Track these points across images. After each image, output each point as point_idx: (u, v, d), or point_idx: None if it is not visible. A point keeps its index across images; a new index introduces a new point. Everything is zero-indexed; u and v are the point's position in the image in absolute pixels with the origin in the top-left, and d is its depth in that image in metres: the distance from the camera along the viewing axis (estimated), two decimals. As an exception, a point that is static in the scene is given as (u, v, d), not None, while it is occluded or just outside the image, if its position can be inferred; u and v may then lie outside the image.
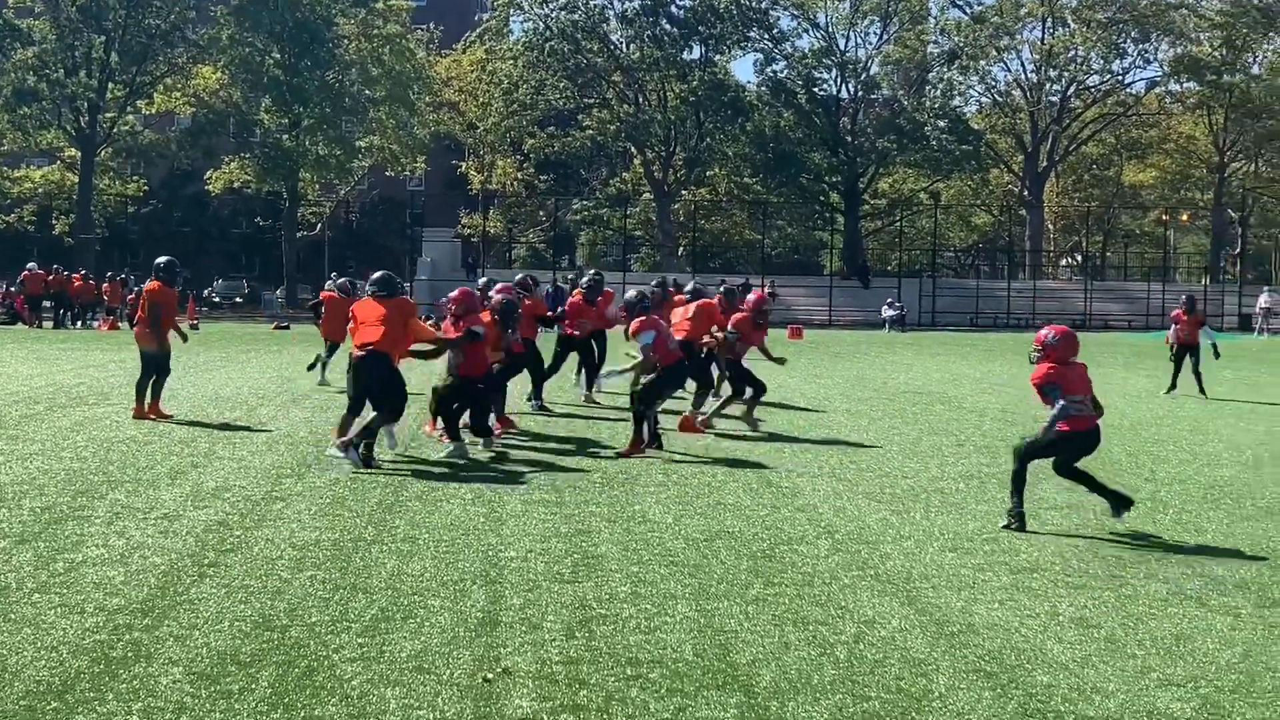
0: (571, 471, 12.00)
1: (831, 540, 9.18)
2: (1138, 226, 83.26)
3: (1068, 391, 9.60)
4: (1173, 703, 5.83)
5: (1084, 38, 67.54)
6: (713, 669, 6.16)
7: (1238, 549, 9.18)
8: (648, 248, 75.32)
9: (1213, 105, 70.77)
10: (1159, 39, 69.51)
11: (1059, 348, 9.79)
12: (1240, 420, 17.84)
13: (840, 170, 67.01)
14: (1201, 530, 9.84)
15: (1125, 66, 71.53)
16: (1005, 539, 9.33)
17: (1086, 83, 71.37)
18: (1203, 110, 72.65)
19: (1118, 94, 72.24)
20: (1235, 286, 63.99)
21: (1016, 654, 6.51)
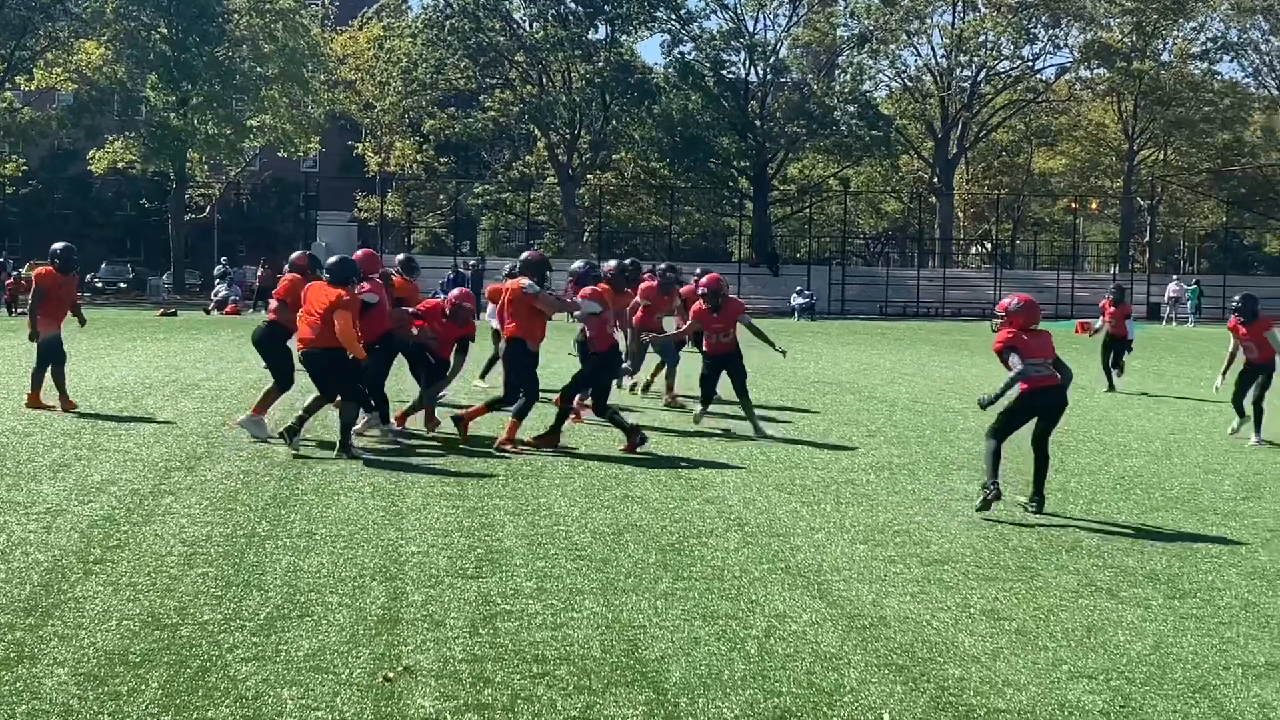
0: (475, 464, 11.95)
1: (742, 533, 9.24)
2: (1047, 215, 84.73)
3: (1026, 356, 10.01)
4: (1084, 695, 5.96)
5: (994, 22, 68.46)
6: (621, 665, 6.17)
7: (1148, 540, 9.40)
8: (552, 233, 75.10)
9: (1123, 92, 72.17)
10: (1069, 24, 70.67)
11: (1021, 314, 10.27)
12: (1149, 410, 18.25)
13: (749, 155, 67.30)
14: (1112, 521, 10.06)
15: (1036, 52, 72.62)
16: (915, 531, 9.47)
17: (997, 68, 72.38)
18: (1113, 97, 74.07)
19: (1028, 80, 73.35)
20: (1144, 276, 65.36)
21: (928, 647, 6.61)
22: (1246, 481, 12.12)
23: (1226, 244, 77.71)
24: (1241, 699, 5.95)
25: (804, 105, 67.21)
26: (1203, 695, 5.99)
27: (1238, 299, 15.47)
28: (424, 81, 66.20)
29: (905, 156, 76.05)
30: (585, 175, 69.16)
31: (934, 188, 73.64)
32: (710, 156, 66.60)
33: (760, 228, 68.02)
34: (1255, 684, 6.15)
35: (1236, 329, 15.27)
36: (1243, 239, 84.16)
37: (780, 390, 19.70)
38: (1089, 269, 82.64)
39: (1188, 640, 6.85)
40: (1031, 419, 10.36)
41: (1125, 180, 74.47)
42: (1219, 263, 76.86)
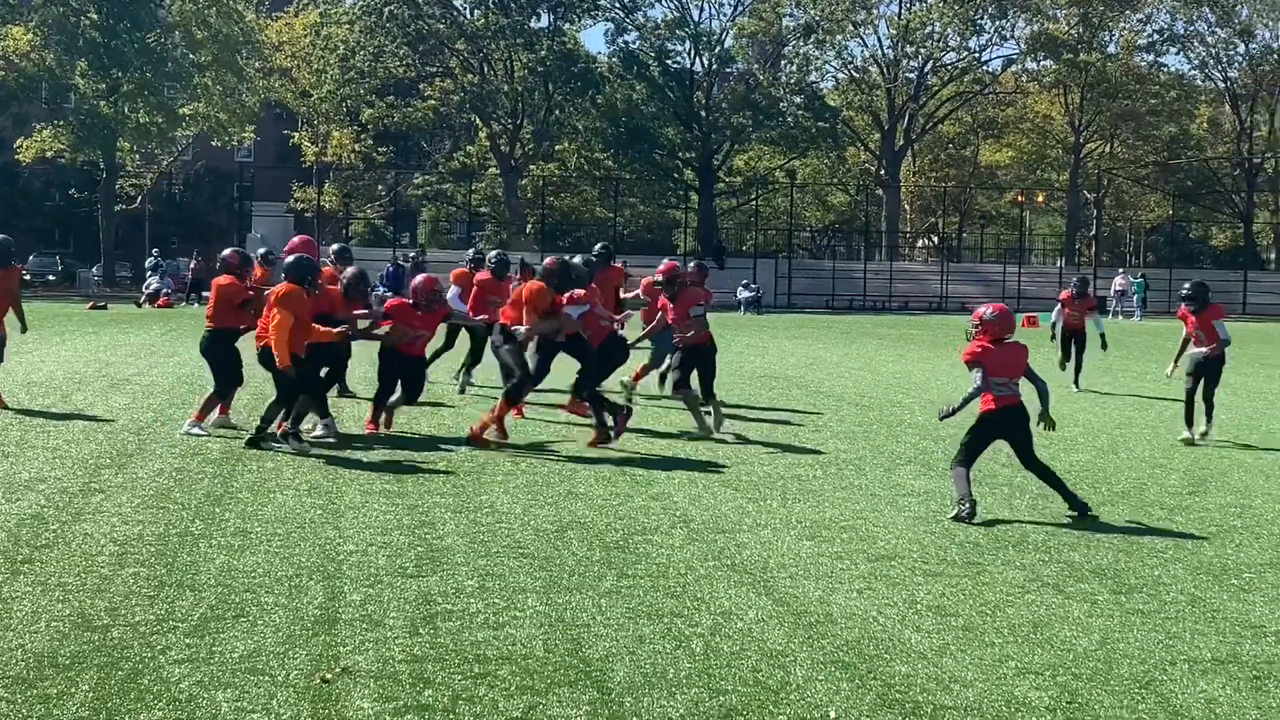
0: (415, 460, 11.90)
1: (687, 529, 9.26)
2: (994, 208, 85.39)
3: (991, 372, 9.99)
4: (1031, 691, 6.02)
5: (941, 13, 68.94)
6: (564, 665, 6.17)
7: (1094, 534, 9.50)
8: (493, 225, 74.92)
9: (1069, 84, 72.89)
10: (1016, 15, 71.28)
11: (996, 324, 10.23)
12: (1095, 405, 18.44)
13: (694, 146, 67.40)
14: (1058, 516, 10.16)
15: (982, 44, 73.29)
16: (862, 527, 9.52)
17: (943, 60, 72.93)
18: (1059, 89, 74.80)
19: (974, 72, 73.95)
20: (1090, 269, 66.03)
21: (875, 643, 6.65)
22: (1193, 476, 12.28)
23: (1173, 237, 78.65)
24: (1188, 694, 6.03)
25: (750, 96, 67.41)
26: (1149, 691, 6.06)
27: (1188, 286, 15.10)
28: (362, 69, 65.73)
29: (852, 149, 76.41)
30: (528, 166, 69.02)
31: (881, 180, 74.07)
32: (655, 147, 66.62)
33: (706, 220, 68.13)
34: (1201, 679, 6.24)
35: (1186, 317, 14.92)
36: (1189, 232, 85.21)
37: (726, 385, 19.74)
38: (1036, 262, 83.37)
39: (1134, 636, 6.94)
40: (994, 440, 10.33)
41: (1072, 173, 75.23)
42: (1165, 256, 77.80)
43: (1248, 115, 75.32)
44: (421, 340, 13.63)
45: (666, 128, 67.01)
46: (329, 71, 65.97)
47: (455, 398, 16.73)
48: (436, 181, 73.65)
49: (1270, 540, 9.47)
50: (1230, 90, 75.94)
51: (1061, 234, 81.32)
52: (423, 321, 13.55)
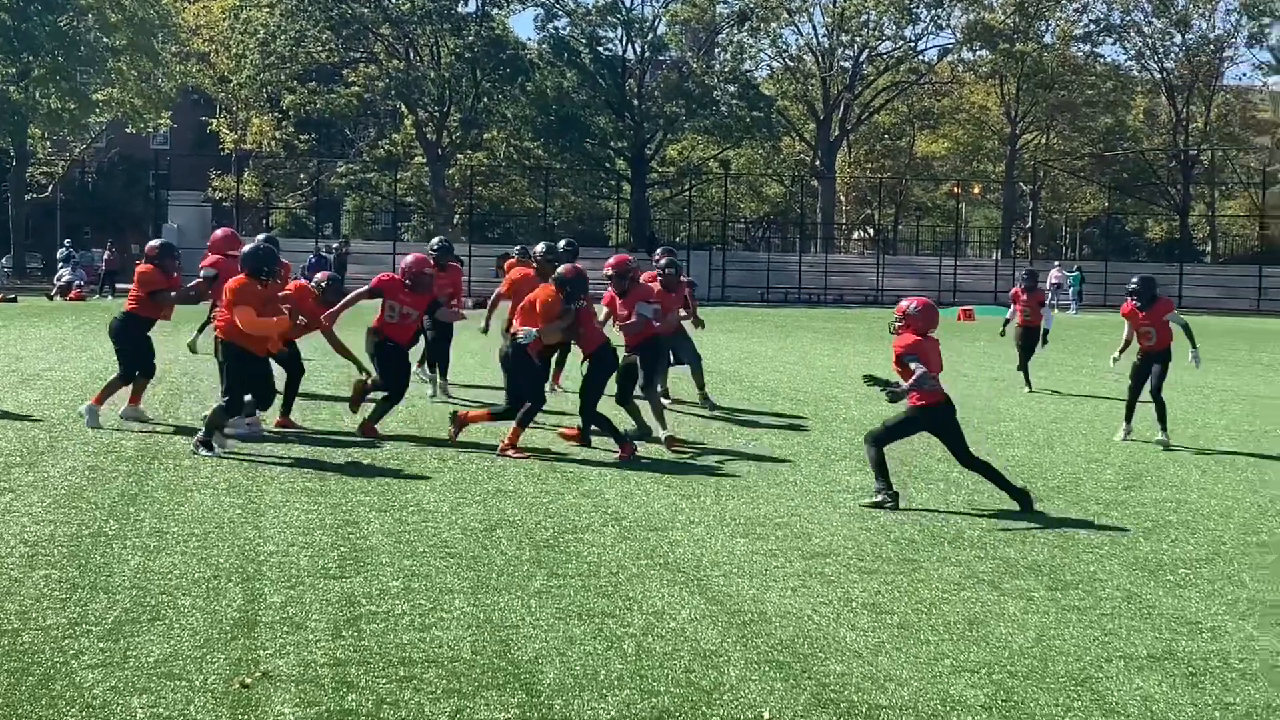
0: (338, 458, 11.82)
1: (619, 527, 9.27)
2: (930, 199, 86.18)
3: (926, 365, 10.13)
4: (966, 690, 6.08)
5: (877, 1, 69.40)
6: (492, 667, 6.15)
7: (1030, 530, 9.61)
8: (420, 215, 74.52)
9: (1005, 74, 73.62)
10: (952, 4, 71.89)
11: (919, 319, 10.32)
12: (1031, 399, 18.65)
13: (626, 135, 67.42)
14: (994, 511, 10.26)
15: (918, 32, 73.79)
16: (797, 523, 9.57)
17: (879, 49, 73.40)
18: (995, 79, 75.54)
19: (910, 61, 74.50)
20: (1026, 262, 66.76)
21: (809, 642, 6.69)
22: (1128, 471, 12.45)
23: (1108, 230, 79.72)
24: (1124, 691, 6.11)
25: (683, 84, 67.55)
26: (1085, 688, 6.14)
27: (1134, 281, 14.58)
28: (283, 54, 65.09)
29: (787, 139, 76.76)
30: (455, 155, 68.69)
31: (816, 171, 74.43)
32: (586, 136, 66.56)
33: (638, 211, 68.18)
34: (1137, 676, 6.33)
35: (1133, 314, 14.39)
36: (1125, 225, 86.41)
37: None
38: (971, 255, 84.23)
39: (1070, 632, 7.02)
40: (917, 433, 10.55)
41: (1008, 164, 76.00)
42: (1101, 249, 78.88)
43: (1184, 106, 76.45)
44: (410, 321, 13.33)
45: (598, 116, 66.98)
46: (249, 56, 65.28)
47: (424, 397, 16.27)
48: (360, 170, 73.11)
49: (1206, 535, 9.62)
50: (1166, 81, 77.04)
51: (997, 226, 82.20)
52: (412, 300, 13.19)
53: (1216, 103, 78.45)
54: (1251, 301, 60.50)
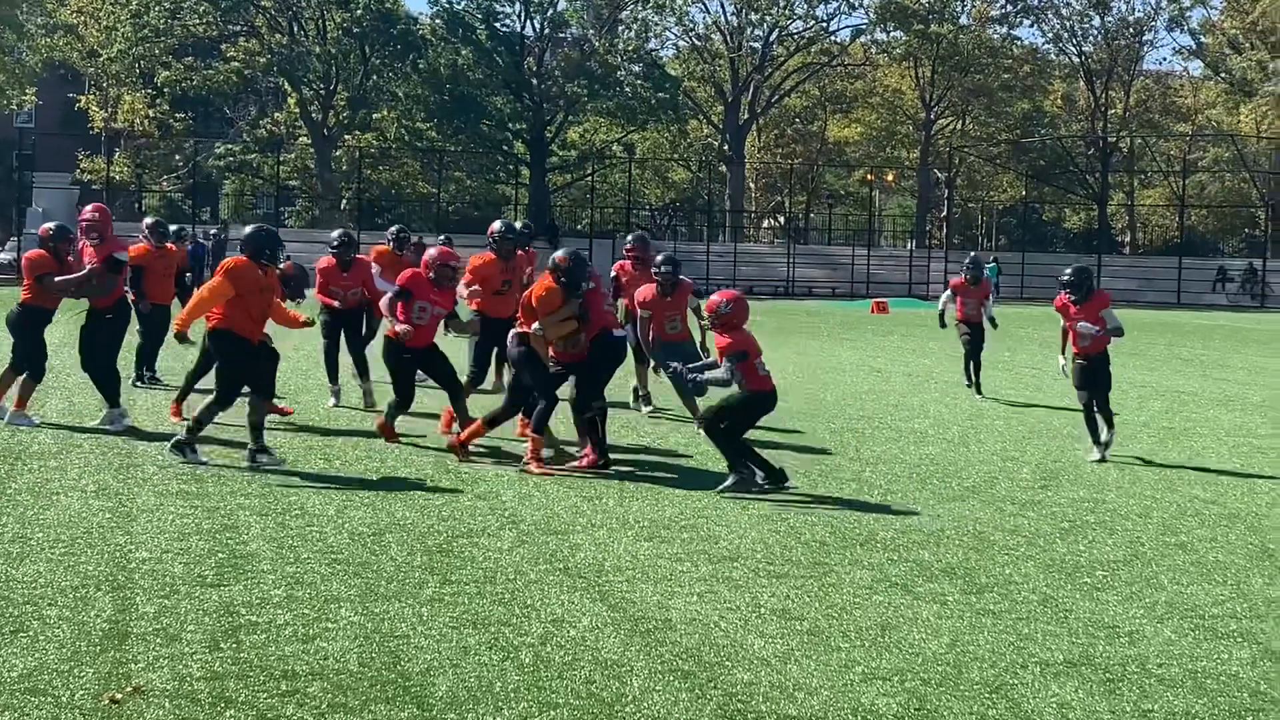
0: (215, 458, 11.67)
1: (517, 531, 9.25)
2: (842, 187, 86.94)
3: (755, 356, 10.82)
4: (878, 698, 6.14)
5: (788, -22, 69.89)
6: (381, 680, 6.12)
7: (945, 531, 9.73)
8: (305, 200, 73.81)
9: (920, 57, 74.47)
10: (866, -17, 72.64)
11: (734, 314, 10.89)
12: (946, 395, 18.88)
13: (525, 117, 67.24)
14: (908, 513, 10.38)
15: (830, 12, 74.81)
16: (704, 526, 9.61)
17: (790, 28, 73.90)
18: (909, 62, 76.38)
19: (822, 42, 75.11)
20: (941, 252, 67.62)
21: (716, 650, 6.72)
22: (1044, 470, 12.65)
23: (1025, 219, 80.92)
24: (1040, 699, 6.21)
25: (585, 63, 67.47)
26: (1000, 695, 6.23)
27: (1069, 272, 13.58)
28: (157, 27, 64.12)
29: (694, 122, 77.08)
30: (342, 136, 68.10)
31: (724, 156, 74.79)
32: (482, 117, 66.28)
33: (538, 196, 68.01)
34: (1054, 683, 6.43)
35: (1066, 308, 13.50)
36: (1042, 214, 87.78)
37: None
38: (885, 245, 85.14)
39: (984, 638, 7.12)
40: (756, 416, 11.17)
41: (922, 151, 76.91)
42: (1018, 239, 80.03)
43: (1102, 92, 77.88)
44: (434, 320, 12.61)
45: (495, 96, 66.71)
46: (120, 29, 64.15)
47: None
48: (241, 151, 72.21)
49: (1124, 536, 9.81)
50: (1085, 65, 78.44)
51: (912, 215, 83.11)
52: (440, 298, 12.55)
53: (1136, 88, 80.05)
54: (1171, 294, 61.73)
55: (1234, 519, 10.56)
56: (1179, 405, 18.52)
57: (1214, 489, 11.94)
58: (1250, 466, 13.31)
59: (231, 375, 11.51)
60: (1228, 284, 64.25)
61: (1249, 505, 11.18)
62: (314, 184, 69.58)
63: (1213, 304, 61.49)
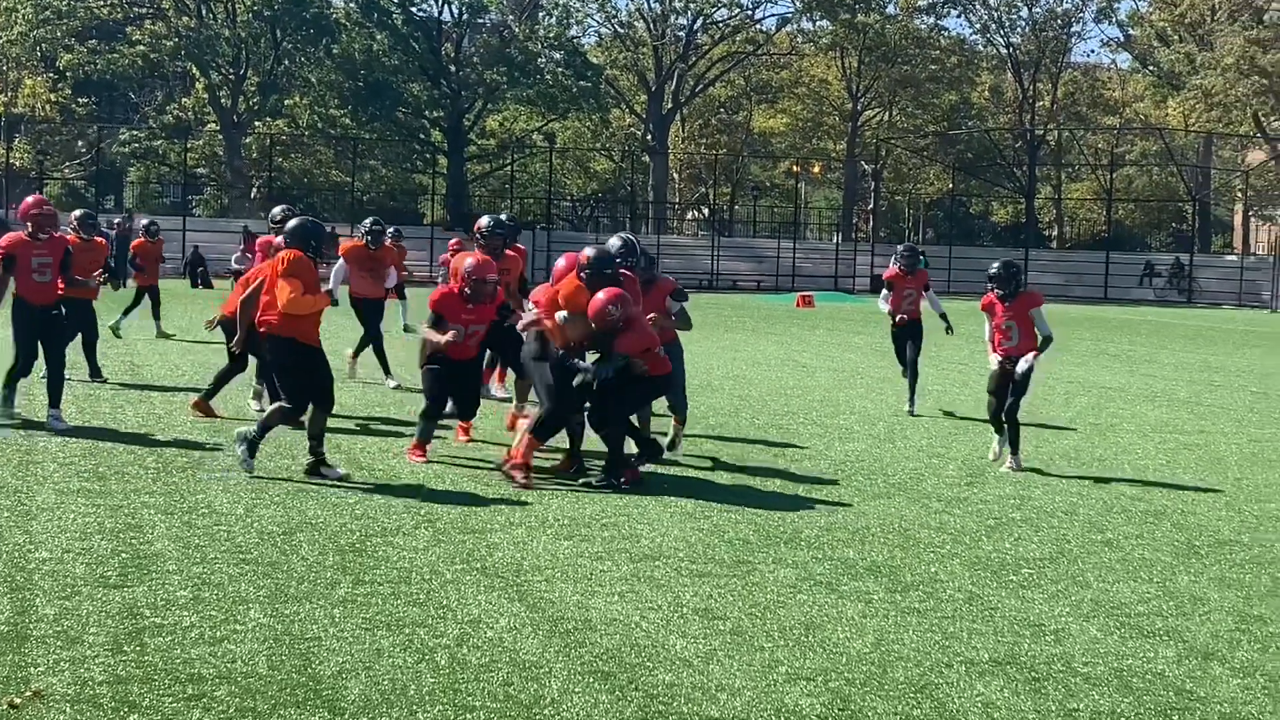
0: (118, 455, 11.54)
1: (432, 530, 9.22)
2: (768, 178, 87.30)
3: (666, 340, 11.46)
4: (802, 698, 6.17)
5: (712, -36, 70.07)
6: (291, 683, 6.07)
7: (870, 529, 9.80)
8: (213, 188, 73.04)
9: (846, 47, 74.91)
10: (792, -29, 72.98)
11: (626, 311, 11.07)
12: (872, 391, 19.02)
13: (442, 104, 66.95)
14: (832, 510, 10.45)
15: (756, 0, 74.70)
16: (625, 524, 9.62)
17: (714, 16, 74.07)
18: (836, 52, 76.80)
19: (747, 31, 75.33)
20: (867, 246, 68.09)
21: (637, 651, 6.73)
22: (970, 466, 12.78)
23: (953, 213, 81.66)
24: (965, 698, 6.27)
25: (504, 50, 67.26)
26: (924, 695, 6.28)
27: (996, 266, 12.97)
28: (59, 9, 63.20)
29: (616, 111, 77.05)
30: (252, 123, 67.47)
31: (647, 146, 74.87)
32: (398, 104, 65.92)
33: (455, 186, 67.77)
34: (979, 682, 6.50)
35: (992, 305, 12.87)
36: (969, 207, 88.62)
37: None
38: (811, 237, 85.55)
39: (909, 636, 7.18)
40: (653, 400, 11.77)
41: (849, 143, 77.38)
42: (945, 232, 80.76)
43: (1030, 84, 78.73)
44: (475, 339, 12.00)
45: (411, 83, 66.37)
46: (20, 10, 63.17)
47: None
48: (146, 138, 71.35)
49: (1050, 533, 9.92)
50: (1012, 57, 79.25)
51: (838, 207, 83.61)
52: (476, 314, 11.80)
53: (1064, 80, 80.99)
54: (1098, 289, 62.54)
55: (1160, 516, 10.72)
56: (1105, 401, 18.76)
57: (1140, 485, 12.12)
58: (1177, 463, 13.52)
59: (295, 384, 10.94)
60: (1155, 279, 65.15)
61: (1175, 502, 11.36)
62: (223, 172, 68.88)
63: (1140, 299, 62.35)
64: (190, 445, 12.16)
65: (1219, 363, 26.51)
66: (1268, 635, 7.42)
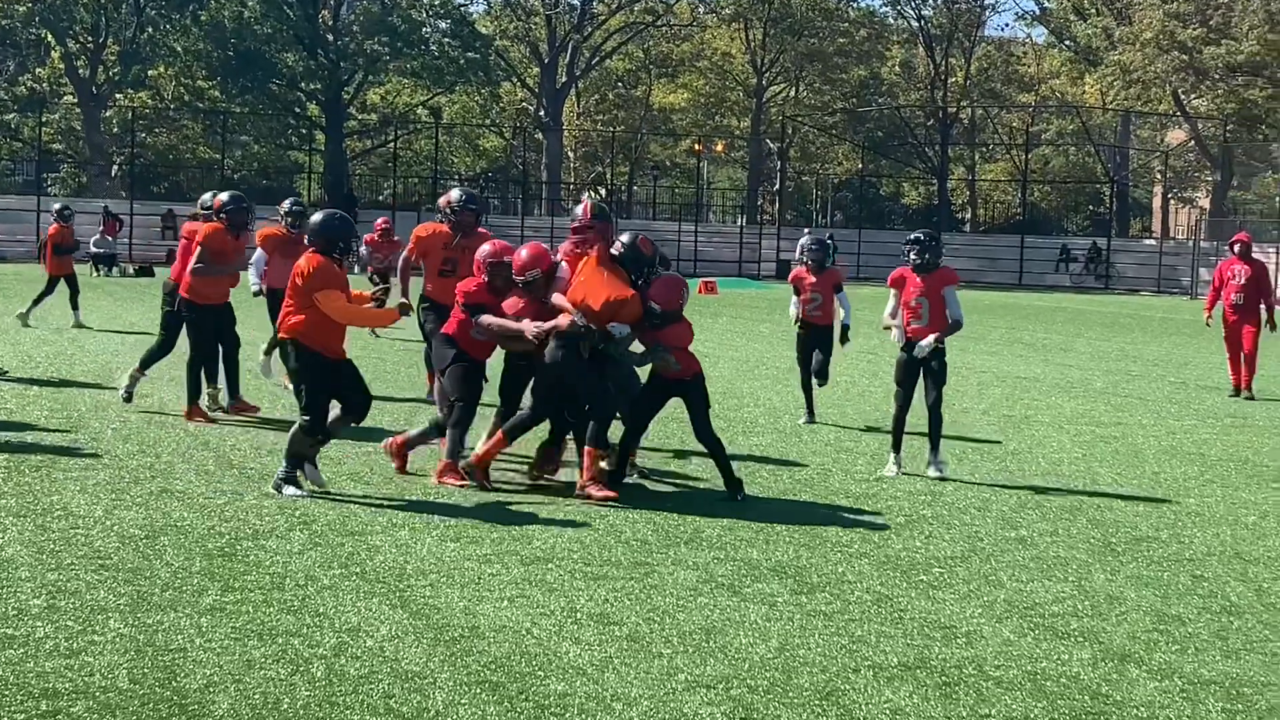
0: (-33, 453, 11.35)
1: (308, 532, 9.15)
2: (669, 157, 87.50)
3: None
4: (702, 707, 6.20)
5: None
6: (154, 698, 6.01)
7: (775, 528, 9.86)
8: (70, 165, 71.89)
9: (750, 18, 75.27)
10: (693, -63, 73.19)
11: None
12: (777, 381, 19.13)
13: (320, 76, 66.35)
14: (737, 508, 10.49)
15: (655, -33, 74.81)
16: (516, 525, 9.61)
17: (612, -16, 74.07)
18: (740, 24, 77.13)
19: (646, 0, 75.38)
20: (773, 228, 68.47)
21: (527, 659, 6.72)
22: (880, 461, 12.87)
23: (862, 194, 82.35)
24: (872, 704, 6.33)
25: (386, 18, 66.80)
26: (830, 702, 6.33)
27: (918, 235, 12.52)
28: (-102, -31, 61.85)
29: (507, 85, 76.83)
30: (113, 95, 66.52)
31: (540, 123, 74.70)
32: (272, 76, 65.30)
33: (334, 164, 67.23)
34: (887, 687, 6.56)
35: (903, 279, 12.41)
36: (880, 189, 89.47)
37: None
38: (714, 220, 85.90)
39: (815, 640, 7.24)
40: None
41: (754, 120, 77.79)
42: (854, 215, 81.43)
43: (942, 59, 79.53)
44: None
45: (285, 52, 65.74)
46: None
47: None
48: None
49: (961, 530, 10.04)
50: (924, 30, 80.00)
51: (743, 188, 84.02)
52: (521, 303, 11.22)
53: (977, 56, 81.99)
54: (1013, 274, 63.38)
55: (1076, 511, 10.89)
56: (1020, 392, 19.02)
57: (1055, 479, 12.30)
58: (1093, 456, 13.73)
59: (316, 394, 10.41)
60: (1071, 264, 66.10)
61: (1091, 497, 11.53)
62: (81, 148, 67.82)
63: (1056, 284, 63.30)
64: (44, 444, 11.97)
65: (1137, 351, 26.99)
66: (1185, 636, 7.56)
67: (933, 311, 12.14)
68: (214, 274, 13.73)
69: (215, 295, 13.87)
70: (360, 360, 11.67)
